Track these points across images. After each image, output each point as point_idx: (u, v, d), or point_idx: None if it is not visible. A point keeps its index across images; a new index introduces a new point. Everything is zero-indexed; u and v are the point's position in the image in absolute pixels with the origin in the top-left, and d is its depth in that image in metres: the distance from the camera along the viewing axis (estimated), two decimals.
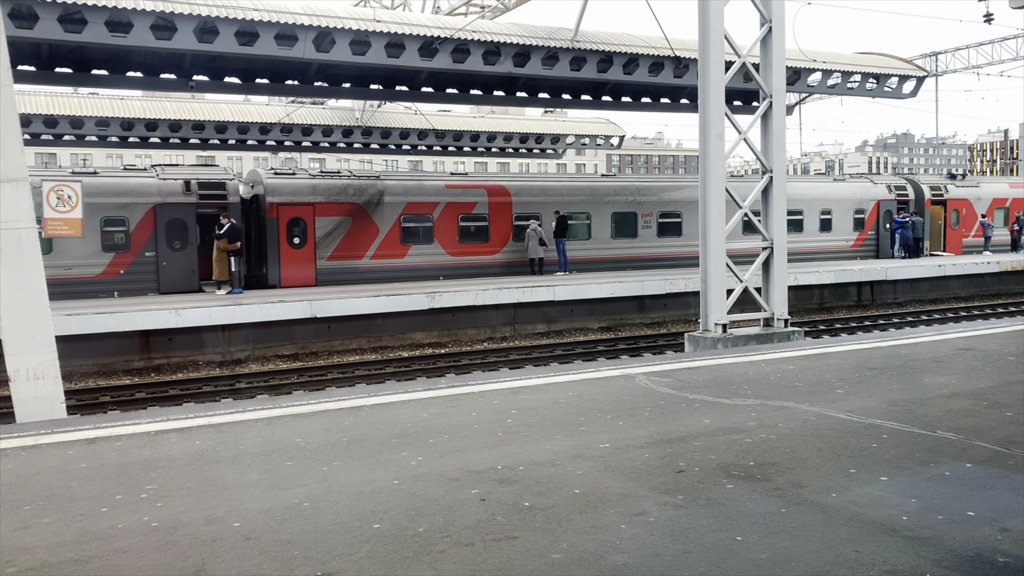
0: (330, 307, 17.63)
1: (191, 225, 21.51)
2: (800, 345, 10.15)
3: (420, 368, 16.63)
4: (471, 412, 6.03)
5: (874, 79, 23.73)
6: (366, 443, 5.17)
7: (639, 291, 21.38)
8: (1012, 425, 5.24)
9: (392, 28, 18.03)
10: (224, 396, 14.43)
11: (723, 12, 13.89)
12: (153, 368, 16.71)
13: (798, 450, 4.77)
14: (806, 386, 6.78)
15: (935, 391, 6.34)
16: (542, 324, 20.86)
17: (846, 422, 5.41)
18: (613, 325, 21.61)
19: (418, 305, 18.57)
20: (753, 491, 4.05)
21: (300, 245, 22.71)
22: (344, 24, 17.60)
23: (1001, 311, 23.30)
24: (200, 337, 17.13)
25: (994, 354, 8.11)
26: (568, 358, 17.73)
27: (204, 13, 16.23)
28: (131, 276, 20.98)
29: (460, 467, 4.54)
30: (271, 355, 17.80)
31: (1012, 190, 32.69)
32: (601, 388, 6.97)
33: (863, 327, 21.18)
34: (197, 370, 16.90)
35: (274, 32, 17.13)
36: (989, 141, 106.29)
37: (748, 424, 5.42)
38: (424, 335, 19.34)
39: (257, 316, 16.96)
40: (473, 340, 19.83)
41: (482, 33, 18.97)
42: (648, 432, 5.27)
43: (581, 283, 20.92)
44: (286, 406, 6.38)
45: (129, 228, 20.94)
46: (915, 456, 4.59)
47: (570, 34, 19.87)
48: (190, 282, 21.35)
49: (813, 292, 24.11)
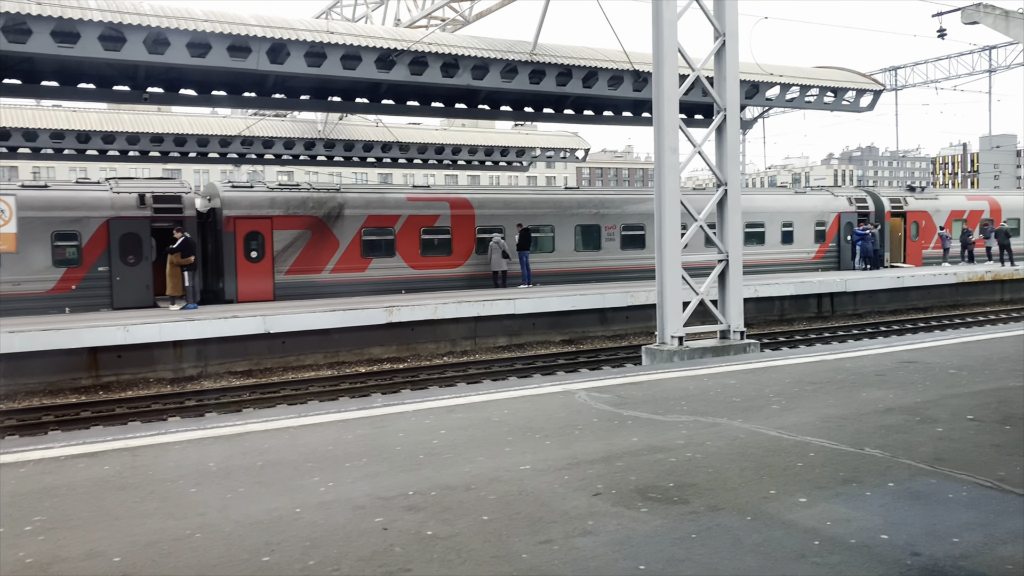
0: (284, 322, 17.34)
1: (146, 239, 21.12)
2: (752, 358, 10.09)
3: (376, 384, 16.39)
4: (398, 433, 5.85)
5: (832, 93, 23.93)
6: (280, 468, 4.97)
7: (600, 304, 21.31)
8: (941, 441, 5.16)
9: (348, 40, 17.85)
10: (172, 414, 14.11)
11: (676, 26, 13.91)
12: (102, 386, 16.32)
13: (721, 470, 4.65)
14: (744, 401, 6.68)
15: (871, 406, 6.26)
16: (504, 337, 20.70)
17: (776, 440, 5.31)
18: (575, 338, 21.51)
19: (375, 320, 18.34)
20: (667, 515, 3.91)
21: (258, 259, 22.39)
22: (299, 36, 17.39)
23: (958, 322, 23.53)
24: (151, 354, 16.77)
25: (936, 367, 8.07)
26: (528, 372, 17.58)
27: (154, 24, 15.95)
28: (83, 292, 20.54)
29: (370, 493, 4.36)
30: (224, 372, 17.46)
31: (970, 202, 33.14)
32: (538, 406, 6.82)
33: (822, 338, 21.27)
34: (148, 387, 16.53)
35: (227, 43, 16.86)
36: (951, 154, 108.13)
37: (676, 442, 5.29)
38: (383, 350, 19.10)
39: (209, 332, 16.64)
40: (433, 354, 19.63)
41: (440, 45, 18.85)
42: (573, 452, 5.12)
43: (542, 296, 20.81)
44: (209, 428, 6.16)
45: (81, 243, 20.50)
46: (838, 475, 4.48)
47: (529, 47, 19.81)
48: (145, 297, 20.94)
49: (774, 304, 24.19)
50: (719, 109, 14.66)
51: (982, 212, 33.18)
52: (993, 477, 4.39)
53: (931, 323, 23.48)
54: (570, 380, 8.09)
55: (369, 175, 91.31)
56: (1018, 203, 34.66)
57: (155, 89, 20.78)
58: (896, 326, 22.94)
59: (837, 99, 24.33)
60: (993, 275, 26.96)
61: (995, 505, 3.95)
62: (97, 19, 15.43)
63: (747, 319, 24.12)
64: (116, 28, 15.77)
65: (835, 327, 23.11)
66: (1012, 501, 4.01)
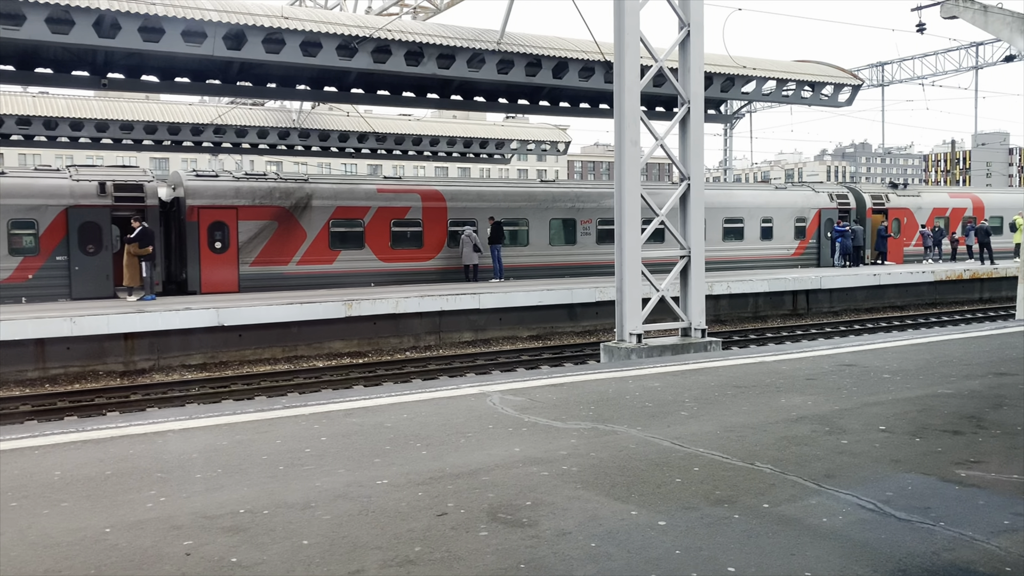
0: (239, 315, 16.95)
1: (106, 228, 20.71)
2: (708, 357, 9.72)
3: (329, 380, 16.03)
4: (276, 440, 5.48)
5: (809, 87, 23.57)
6: (126, 479, 4.60)
7: (569, 299, 20.96)
8: (840, 456, 4.81)
9: (308, 26, 17.44)
10: (112, 409, 13.72)
11: (639, 15, 13.52)
12: (48, 379, 15.92)
13: (592, 486, 4.29)
14: (655, 407, 6.32)
15: (784, 414, 5.91)
16: (469, 333, 20.35)
17: (667, 451, 4.95)
18: (543, 334, 21.16)
19: (334, 313, 17.96)
20: (506, 541, 3.55)
21: (222, 250, 21.98)
22: (256, 21, 16.97)
23: (933, 320, 23.22)
24: (101, 346, 16.39)
25: (872, 371, 7.72)
26: (487, 368, 17.24)
27: (104, 7, 15.52)
28: (41, 281, 20.12)
29: (198, 511, 3.99)
30: (177, 365, 17.09)
31: (952, 200, 32.82)
32: (441, 409, 6.45)
33: (793, 336, 20.95)
34: (96, 380, 16.15)
35: (181, 28, 16.45)
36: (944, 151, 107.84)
37: (559, 453, 4.93)
38: (343, 344, 18.72)
39: (159, 324, 16.26)
40: (396, 349, 19.26)
41: (404, 33, 18.44)
42: (445, 464, 4.76)
43: (508, 291, 20.43)
44: (71, 432, 5.78)
45: (39, 231, 20.08)
46: (713, 495, 4.12)
47: (497, 36, 19.40)
48: (104, 288, 20.55)
49: (748, 301, 23.87)
50: (683, 101, 14.31)
51: (965, 210, 32.86)
52: (879, 498, 4.04)
53: (905, 321, 23.18)
54: (490, 382, 7.71)
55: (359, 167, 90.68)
56: (1002, 201, 34.34)
57: (116, 75, 20.36)
58: (870, 324, 22.64)
59: (815, 93, 23.97)
60: (972, 273, 26.65)
61: (867, 532, 3.60)
62: (43, 0, 14.99)
63: (721, 316, 23.97)
64: (64, 10, 15.33)
65: (808, 325, 22.80)
66: (887, 526, 3.65)
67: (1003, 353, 8.68)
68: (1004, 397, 6.30)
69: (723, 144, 48.95)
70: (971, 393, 6.49)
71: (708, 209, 28.87)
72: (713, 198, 29.49)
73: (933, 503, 3.95)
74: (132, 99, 32.24)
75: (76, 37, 15.77)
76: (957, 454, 4.80)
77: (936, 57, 38.10)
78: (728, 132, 48.63)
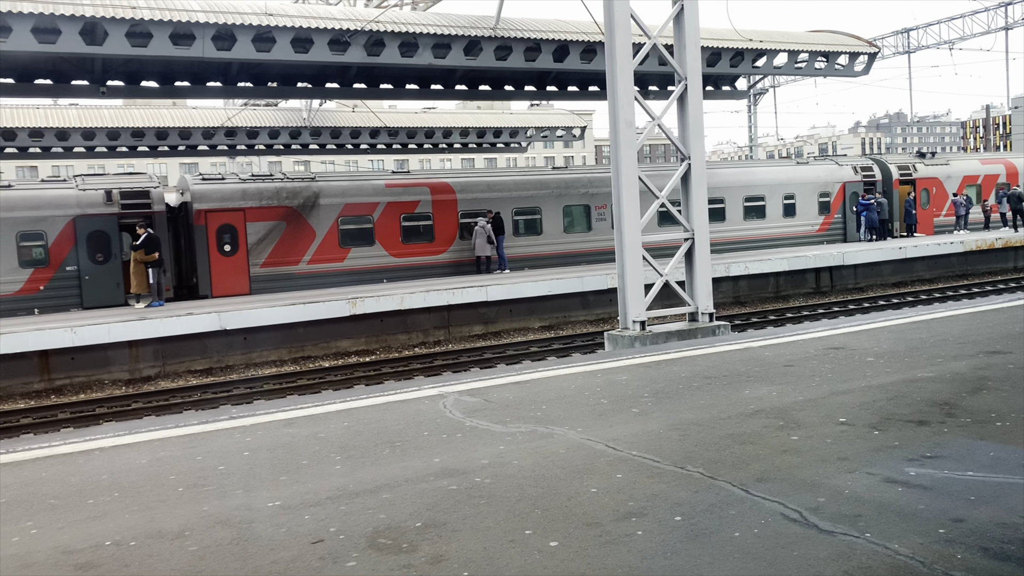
0: (241, 318, 16.82)
1: (114, 236, 20.72)
2: (711, 342, 9.34)
3: (330, 380, 15.81)
4: (198, 456, 5.20)
5: (823, 58, 22.76)
6: (18, 507, 4.34)
7: (580, 287, 20.52)
8: (784, 455, 4.37)
9: (297, 22, 17.18)
10: (110, 419, 13.64)
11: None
12: (54, 389, 15.94)
13: (495, 500, 3.92)
14: (611, 403, 5.92)
15: (741, 407, 5.47)
16: (479, 326, 20.02)
17: (596, 455, 4.56)
18: (555, 323, 20.77)
19: (339, 312, 17.75)
20: (372, 570, 3.20)
21: (231, 252, 21.90)
22: (245, 20, 16.74)
23: (963, 293, 22.35)
24: (105, 355, 16.36)
25: (857, 354, 7.23)
26: (492, 362, 16.89)
27: (89, 14, 15.40)
28: (52, 292, 20.20)
29: (62, 544, 3.70)
30: (183, 371, 17.01)
31: (984, 167, 31.65)
32: (387, 415, 6.12)
33: (815, 316, 20.27)
34: (102, 389, 16.14)
35: (168, 31, 16.27)
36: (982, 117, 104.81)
37: (480, 462, 4.57)
38: (350, 343, 18.51)
39: (161, 331, 16.17)
40: (404, 345, 19.01)
41: (396, 24, 18.09)
42: (352, 480, 4.42)
43: (516, 282, 20.06)
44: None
45: (48, 242, 20.15)
46: (624, 507, 3.73)
47: (492, 22, 18.96)
48: (115, 296, 20.56)
49: (768, 280, 23.21)
50: (680, 78, 13.77)
51: (997, 176, 31.66)
52: (808, 505, 3.61)
53: (933, 295, 22.35)
54: (450, 382, 7.35)
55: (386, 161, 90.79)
56: None
57: (115, 82, 20.31)
58: (896, 299, 21.86)
59: (829, 64, 23.15)
60: (1004, 242, 25.65)
61: (778, 548, 3.18)
62: (27, 11, 14.91)
63: (741, 297, 23.35)
64: (48, 20, 15.24)
65: (831, 303, 22.09)
66: (803, 541, 3.23)
67: (1006, 329, 8.11)
68: (987, 379, 5.79)
69: (747, 121, 47.97)
70: (953, 376, 5.99)
71: (727, 188, 28.37)
72: (732, 176, 28.80)
73: (866, 510, 3.51)
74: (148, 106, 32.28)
75: (64, 46, 15.68)
76: (914, 448, 4.34)
77: (963, 20, 36.77)
78: (752, 108, 47.63)
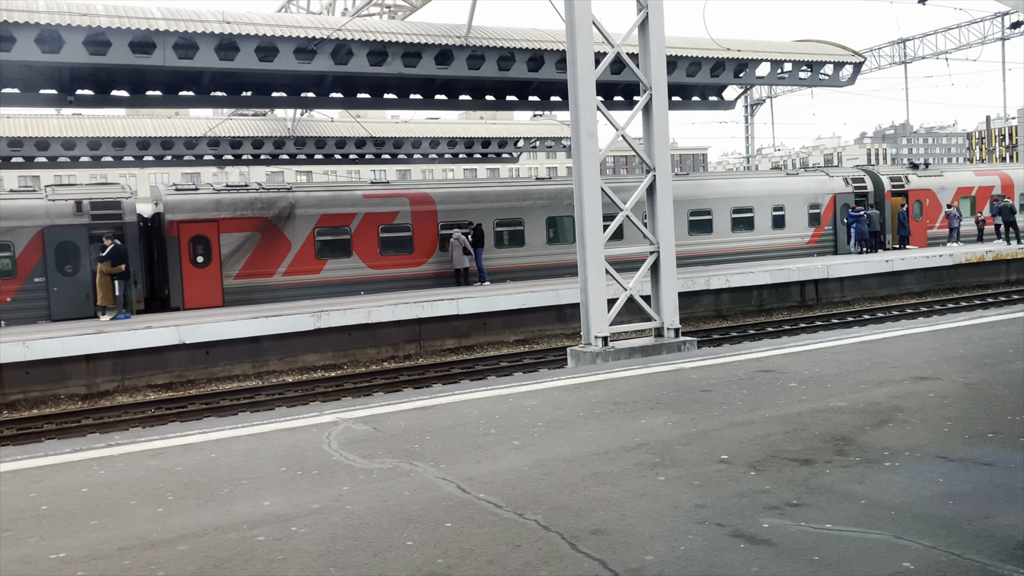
0: (200, 332, 16.45)
1: (84, 248, 20.43)
2: (673, 359, 8.97)
3: (291, 396, 15.42)
4: (31, 494, 4.80)
5: (807, 67, 22.34)
6: None
7: (555, 300, 20.08)
8: (638, 499, 3.94)
9: (262, 30, 16.87)
10: (50, 437, 13.27)
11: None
12: (7, 405, 15.59)
13: (292, 557, 3.50)
14: (498, 433, 5.50)
15: (626, 440, 5.04)
16: (451, 340, 19.60)
17: (437, 500, 4.13)
18: (530, 338, 20.32)
19: (303, 326, 17.36)
20: None
21: (204, 264, 21.59)
22: (207, 28, 16.43)
23: (951, 306, 21.82)
24: (61, 369, 16.01)
25: (783, 379, 6.78)
26: (457, 377, 16.48)
27: (44, 21, 15.13)
28: (19, 304, 19.92)
29: None
30: (143, 385, 16.63)
31: (978, 178, 31.12)
32: (259, 446, 5.69)
33: (796, 330, 19.78)
34: (57, 405, 15.78)
35: (128, 39, 15.98)
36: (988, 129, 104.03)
37: (311, 507, 4.15)
38: (317, 357, 18.11)
39: (117, 344, 15.82)
40: (373, 360, 18.60)
41: (365, 32, 17.76)
42: (157, 528, 3.99)
43: (489, 295, 19.66)
44: None
45: (15, 253, 19.88)
46: (431, 564, 3.30)
47: (464, 31, 18.62)
48: (84, 308, 20.24)
49: (752, 294, 22.74)
50: (645, 88, 13.42)
51: (992, 188, 31.11)
52: (632, 565, 3.18)
53: (919, 309, 21.83)
54: (347, 408, 6.93)
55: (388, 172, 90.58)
56: None
57: (85, 91, 20.06)
58: (881, 314, 21.35)
59: (814, 74, 22.73)
60: (995, 255, 25.11)
61: None
62: None
63: (723, 311, 22.87)
64: (3, 28, 14.97)
65: (814, 317, 21.60)
66: None
67: (950, 351, 7.65)
68: (899, 410, 5.34)
69: (744, 132, 47.60)
70: (866, 406, 5.54)
71: (714, 199, 27.93)
72: (720, 187, 28.37)
73: (691, 573, 3.08)
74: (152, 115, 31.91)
75: (20, 54, 15.40)
76: (782, 494, 3.90)
77: (960, 30, 36.32)
78: (749, 119, 47.24)
